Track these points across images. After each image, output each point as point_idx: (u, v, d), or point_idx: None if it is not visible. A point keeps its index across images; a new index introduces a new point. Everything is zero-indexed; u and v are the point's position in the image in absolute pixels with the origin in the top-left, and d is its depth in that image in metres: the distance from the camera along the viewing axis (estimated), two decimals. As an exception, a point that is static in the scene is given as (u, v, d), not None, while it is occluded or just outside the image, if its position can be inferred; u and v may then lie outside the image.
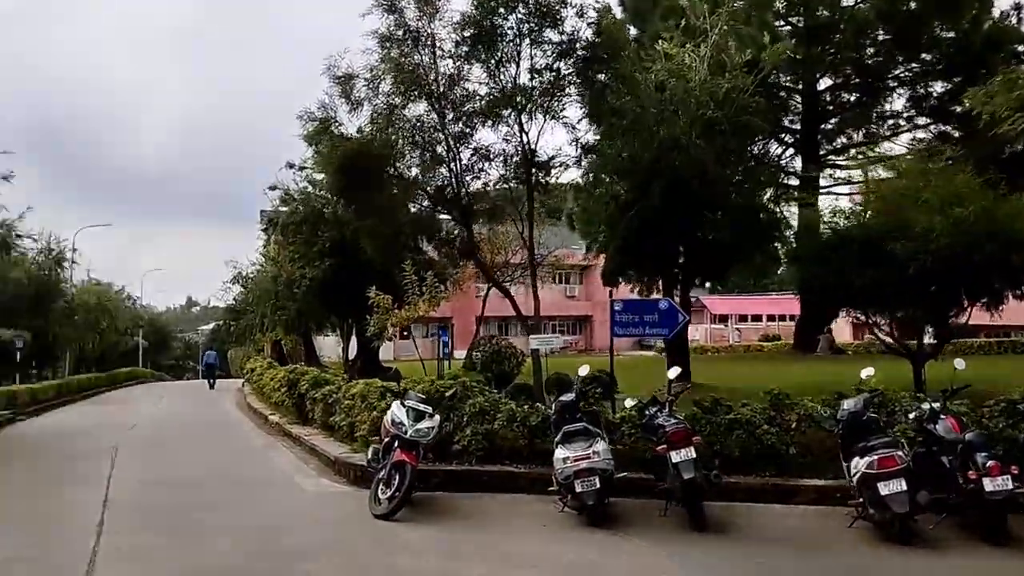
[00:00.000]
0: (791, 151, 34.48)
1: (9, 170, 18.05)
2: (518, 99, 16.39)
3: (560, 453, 9.94)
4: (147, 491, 12.16)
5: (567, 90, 16.36)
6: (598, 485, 9.61)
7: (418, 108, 17.08)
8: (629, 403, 11.58)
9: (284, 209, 25.59)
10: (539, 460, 11.93)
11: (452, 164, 17.21)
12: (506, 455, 12.27)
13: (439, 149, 17.21)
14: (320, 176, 23.53)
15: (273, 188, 25.13)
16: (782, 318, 67.43)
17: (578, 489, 9.64)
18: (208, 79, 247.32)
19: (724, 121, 14.50)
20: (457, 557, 8.37)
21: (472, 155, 17.58)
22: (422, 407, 10.87)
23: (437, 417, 11.07)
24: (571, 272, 68.42)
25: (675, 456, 9.56)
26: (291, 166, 24.32)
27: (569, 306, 69.87)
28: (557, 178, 18.52)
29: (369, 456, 11.58)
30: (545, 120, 16.64)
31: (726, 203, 15.86)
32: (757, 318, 68.11)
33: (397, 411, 10.80)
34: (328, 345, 42.31)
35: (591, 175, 17.57)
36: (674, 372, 11.42)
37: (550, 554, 8.53)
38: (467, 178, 17.54)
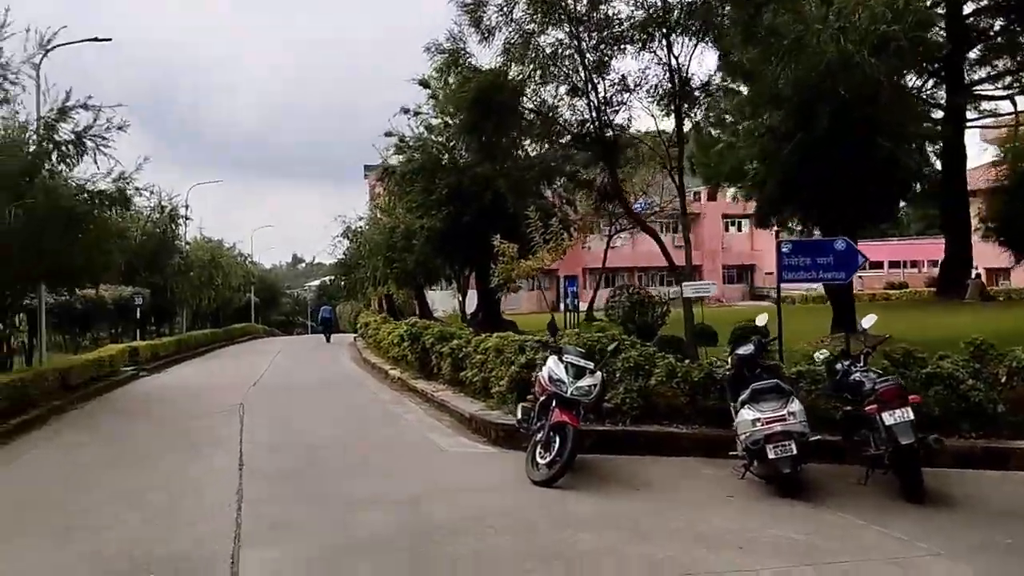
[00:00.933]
0: (932, 81, 31.68)
1: (124, 120, 17.31)
2: (668, 16, 14.69)
3: (748, 414, 8.66)
4: (281, 454, 11.38)
5: (719, 9, 14.60)
6: (794, 451, 8.32)
7: (555, 35, 15.61)
8: (820, 356, 10.14)
9: (399, 159, 24.61)
10: (702, 420, 10.81)
11: (592, 96, 15.72)
12: (663, 414, 11.11)
13: (577, 80, 15.70)
14: (436, 121, 22.53)
15: (389, 135, 24.20)
16: (906, 264, 64.15)
17: (770, 456, 8.36)
18: (312, 38, 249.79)
19: (903, 36, 12.66)
20: (643, 535, 7.19)
21: (613, 86, 16.04)
22: (582, 363, 9.68)
23: (599, 374, 9.87)
24: (676, 220, 66.13)
25: (888, 417, 8.17)
26: (406, 111, 23.36)
27: (674, 255, 67.65)
28: (707, 110, 16.82)
29: (519, 416, 10.52)
30: (696, 43, 14.93)
31: (901, 130, 14.06)
32: (877, 265, 64.67)
33: (555, 367, 9.64)
34: (440, 299, 41.66)
35: (744, 107, 15.87)
36: (869, 320, 9.99)
37: (749, 531, 7.28)
38: (608, 112, 16.06)
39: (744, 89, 16.40)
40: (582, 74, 15.61)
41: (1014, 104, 33.29)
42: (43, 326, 20.73)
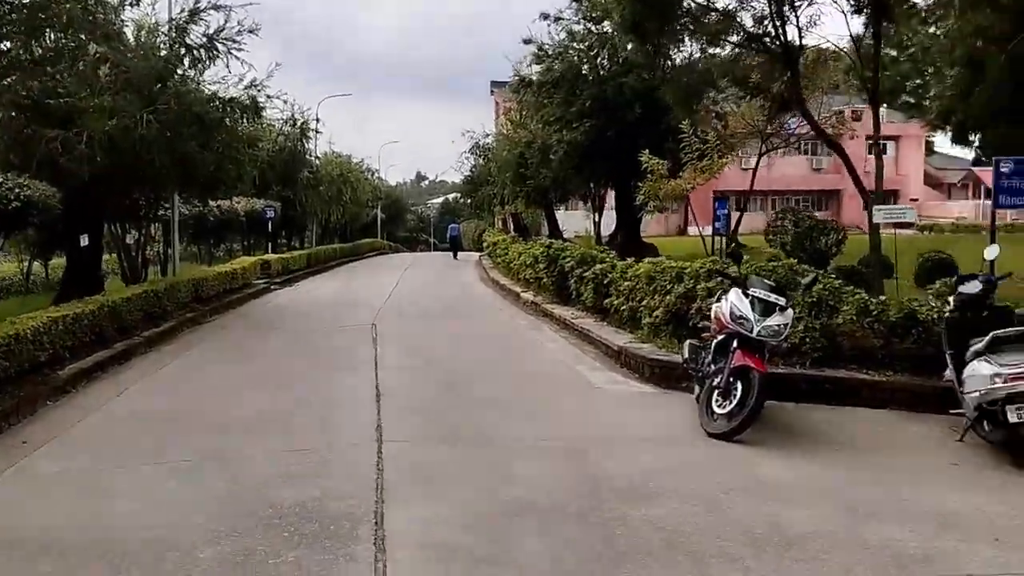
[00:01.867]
0: None
1: (255, 23, 16.46)
2: None
3: (984, 368, 7.15)
4: (420, 383, 10.50)
5: None
6: (1043, 415, 6.78)
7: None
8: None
9: (536, 69, 23.02)
10: (897, 366, 9.29)
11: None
12: (849, 357, 9.65)
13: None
14: (579, 28, 20.84)
15: (527, 42, 22.61)
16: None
17: (1012, 419, 6.86)
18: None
19: None
20: (868, 513, 5.84)
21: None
22: (772, 297, 8.25)
23: (790, 312, 8.44)
24: (817, 141, 62.40)
25: None
26: (546, 17, 21.71)
27: (814, 180, 64.01)
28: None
29: (686, 354, 9.26)
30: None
31: None
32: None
33: (738, 302, 8.25)
34: (570, 219, 40.29)
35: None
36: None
37: (998, 514, 5.87)
38: (790, 9, 14.10)
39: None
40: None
41: None
42: (176, 236, 20.56)
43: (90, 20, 14.63)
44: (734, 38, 15.17)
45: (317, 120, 39.58)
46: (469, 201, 44.49)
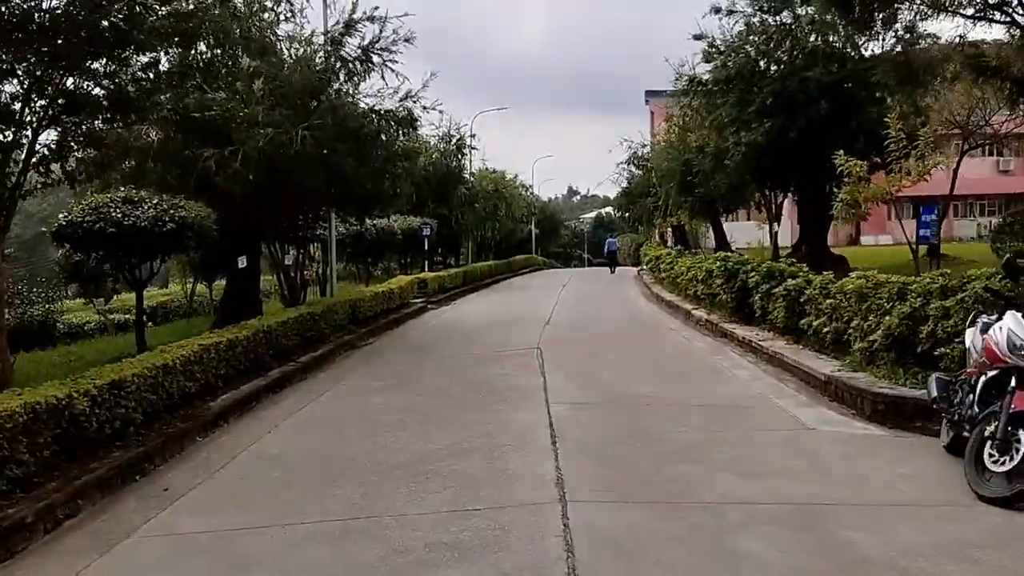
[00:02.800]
0: None
1: (411, 31, 15.64)
2: None
3: None
4: (598, 423, 9.09)
5: None
6: None
7: None
8: None
9: (707, 68, 21.25)
10: None
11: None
12: None
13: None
14: (756, 19, 18.98)
15: (699, 37, 20.87)
16: None
17: None
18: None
19: None
20: None
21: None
22: (1070, 324, 6.42)
23: (1086, 342, 6.55)
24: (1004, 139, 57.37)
25: None
26: (717, 11, 19.97)
27: (1000, 182, 58.18)
28: None
29: (933, 391, 7.51)
30: None
31: None
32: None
33: (1018, 328, 6.45)
34: (737, 230, 38.04)
35: None
36: None
37: None
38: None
39: None
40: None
41: None
42: (334, 255, 20.06)
43: (244, 33, 14.21)
44: (966, 12, 13.01)
45: (472, 135, 39.08)
46: (627, 215, 42.83)
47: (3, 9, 9.27)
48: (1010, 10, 12.78)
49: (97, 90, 10.98)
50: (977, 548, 5.27)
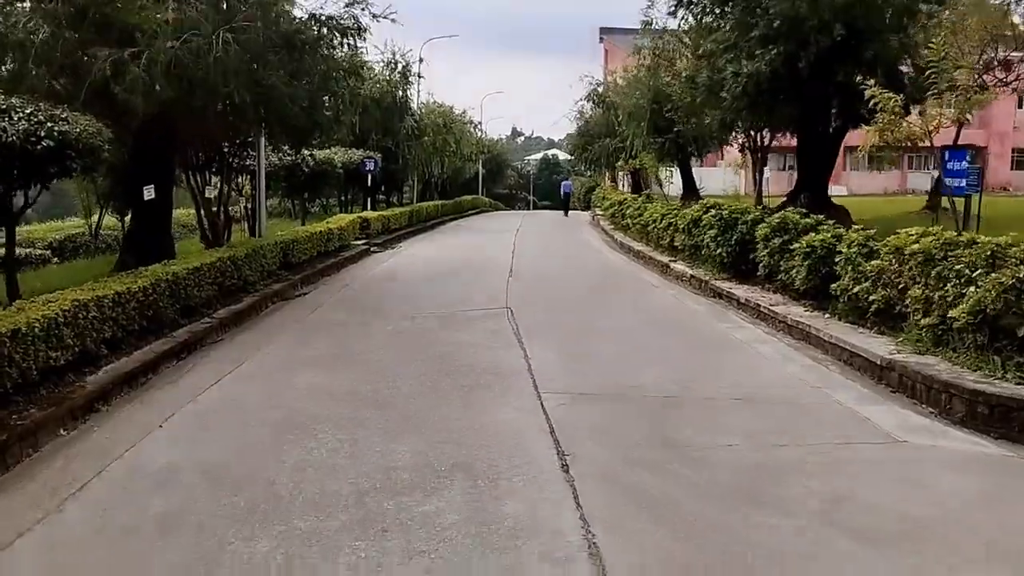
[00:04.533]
0: None
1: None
2: None
3: None
4: (614, 427, 6.67)
5: None
6: None
7: None
8: None
9: None
10: None
11: None
12: None
13: None
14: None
15: None
16: None
17: None
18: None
19: None
20: None
21: None
22: None
23: None
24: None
25: None
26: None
27: (946, 136, 56.65)
28: None
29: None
30: None
31: None
32: None
33: None
34: (708, 177, 35.82)
35: None
36: None
37: None
38: None
39: None
40: None
41: None
42: (262, 189, 17.20)
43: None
44: None
45: (421, 60, 35.93)
46: (585, 155, 40.25)
47: None
48: None
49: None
50: None
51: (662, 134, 26.34)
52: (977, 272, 7.85)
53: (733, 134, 22.51)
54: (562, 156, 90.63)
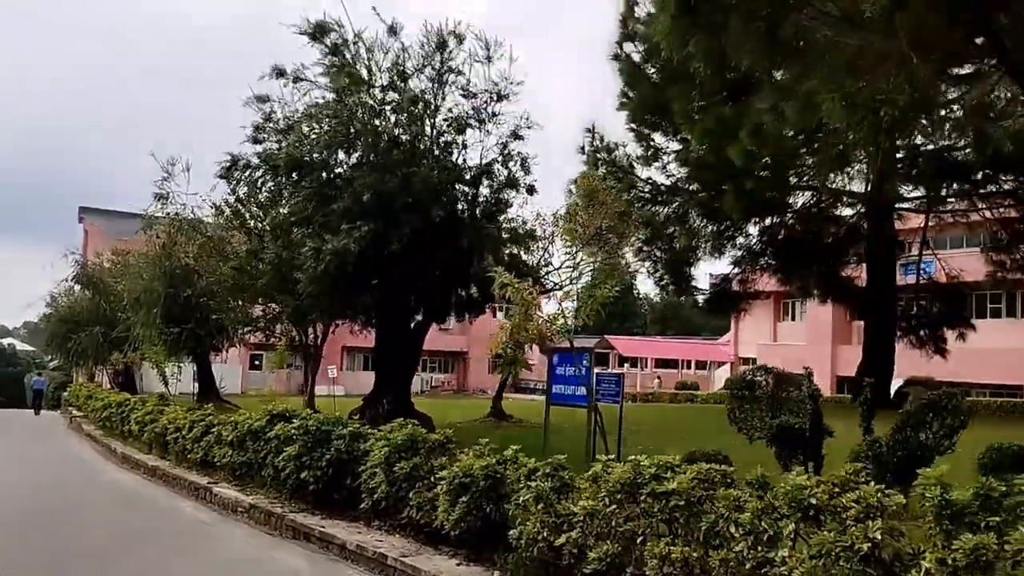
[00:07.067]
0: None
1: None
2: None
3: None
4: None
5: None
6: None
7: None
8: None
9: (255, 150, 15.15)
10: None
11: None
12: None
13: None
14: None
15: (263, 100, 14.86)
16: (700, 365, 60.75)
17: None
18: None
19: None
20: None
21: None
22: None
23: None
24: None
25: None
26: (281, 75, 14.35)
27: (440, 340, 59.19)
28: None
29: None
30: None
31: None
32: (669, 363, 61.36)
33: None
34: (228, 374, 31.69)
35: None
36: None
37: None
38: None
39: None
40: None
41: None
42: None
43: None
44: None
45: None
46: (68, 346, 33.39)
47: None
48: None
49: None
50: None
51: (178, 323, 22.31)
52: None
53: (325, 318, 18.97)
54: (20, 347, 79.07)
